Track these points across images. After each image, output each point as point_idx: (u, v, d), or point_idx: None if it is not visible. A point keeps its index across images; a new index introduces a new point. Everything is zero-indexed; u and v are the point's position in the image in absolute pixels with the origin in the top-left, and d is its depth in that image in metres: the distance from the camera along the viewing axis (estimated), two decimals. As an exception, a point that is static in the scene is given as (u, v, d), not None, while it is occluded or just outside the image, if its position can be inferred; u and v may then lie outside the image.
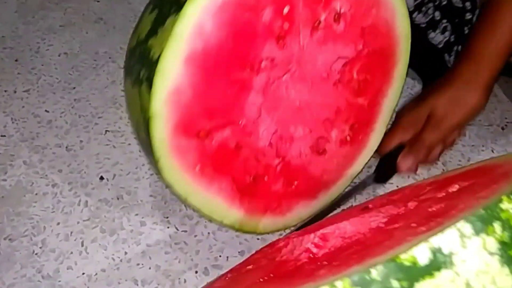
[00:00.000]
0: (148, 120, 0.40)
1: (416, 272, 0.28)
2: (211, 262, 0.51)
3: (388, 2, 0.49)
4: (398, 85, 0.55)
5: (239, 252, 0.52)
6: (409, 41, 0.53)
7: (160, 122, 0.41)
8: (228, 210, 0.47)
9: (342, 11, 0.47)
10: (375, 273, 0.27)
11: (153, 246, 0.52)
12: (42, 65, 0.71)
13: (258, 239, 0.54)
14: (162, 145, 0.41)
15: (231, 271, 0.44)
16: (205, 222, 0.55)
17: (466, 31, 0.63)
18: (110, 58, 0.73)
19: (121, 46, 0.75)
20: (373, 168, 0.58)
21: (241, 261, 0.47)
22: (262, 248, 0.48)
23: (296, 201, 0.51)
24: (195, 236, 0.53)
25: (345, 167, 0.55)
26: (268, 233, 0.51)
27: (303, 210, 0.52)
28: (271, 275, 0.37)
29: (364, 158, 0.55)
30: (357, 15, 0.48)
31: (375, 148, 0.55)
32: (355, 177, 0.55)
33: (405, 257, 0.28)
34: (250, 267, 0.42)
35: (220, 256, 0.52)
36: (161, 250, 0.52)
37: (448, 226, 0.29)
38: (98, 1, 0.82)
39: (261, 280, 0.37)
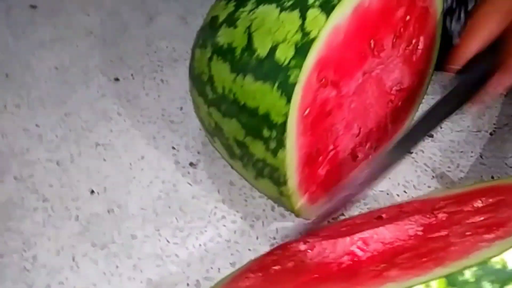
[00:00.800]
0: (308, 41, 0.42)
1: (506, 276, 0.30)
2: (203, 274, 0.51)
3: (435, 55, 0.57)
4: (406, 124, 0.60)
5: (230, 263, 0.52)
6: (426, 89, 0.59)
7: (318, 47, 0.43)
8: (295, 172, 0.46)
9: (419, 46, 0.54)
10: (469, 274, 0.30)
11: (144, 259, 0.52)
12: (33, 79, 0.72)
13: (249, 249, 0.54)
14: (306, 67, 0.42)
15: (250, 270, 0.45)
16: (196, 234, 0.55)
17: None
18: (100, 71, 0.73)
19: (111, 59, 0.75)
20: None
21: (250, 262, 0.47)
22: (272, 251, 0.48)
23: (321, 196, 0.51)
24: (187, 248, 0.53)
25: None
26: (297, 216, 0.52)
27: (318, 209, 0.52)
28: (316, 275, 0.38)
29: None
30: (422, 55, 0.54)
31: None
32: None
33: (497, 260, 0.30)
34: (277, 267, 0.43)
35: (211, 268, 0.52)
36: (152, 263, 0.52)
37: None
38: (88, 15, 0.82)
39: (309, 280, 0.37)
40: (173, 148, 0.63)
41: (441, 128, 0.66)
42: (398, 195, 0.59)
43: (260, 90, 0.45)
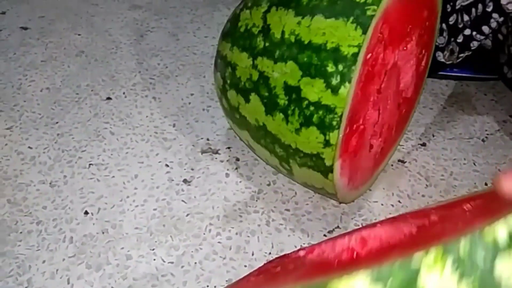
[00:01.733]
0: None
1: (496, 249, 0.32)
2: (199, 292, 0.51)
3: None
4: (399, 142, 0.62)
5: (226, 280, 0.52)
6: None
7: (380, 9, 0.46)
8: (347, 116, 0.47)
9: (423, 62, 0.58)
10: (464, 244, 0.31)
11: (140, 280, 0.52)
12: (25, 101, 0.72)
13: (245, 266, 0.53)
14: (383, 3, 0.45)
15: (251, 275, 0.45)
16: (192, 252, 0.54)
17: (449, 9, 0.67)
18: (92, 90, 0.73)
19: (103, 78, 0.75)
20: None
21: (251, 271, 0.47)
22: (271, 261, 0.48)
23: (346, 173, 0.52)
24: (182, 267, 0.53)
25: (361, 182, 0.56)
26: (329, 182, 0.52)
27: (343, 187, 0.52)
28: (316, 269, 0.39)
29: (366, 187, 0.59)
30: (421, 73, 0.59)
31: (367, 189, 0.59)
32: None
33: (489, 234, 0.32)
34: (278, 269, 0.44)
35: (207, 286, 0.52)
36: (148, 283, 0.52)
37: None
38: (79, 35, 0.83)
39: (309, 272, 0.39)
40: (167, 165, 0.63)
41: (433, 136, 0.67)
42: (392, 205, 0.59)
43: (332, 25, 0.46)
